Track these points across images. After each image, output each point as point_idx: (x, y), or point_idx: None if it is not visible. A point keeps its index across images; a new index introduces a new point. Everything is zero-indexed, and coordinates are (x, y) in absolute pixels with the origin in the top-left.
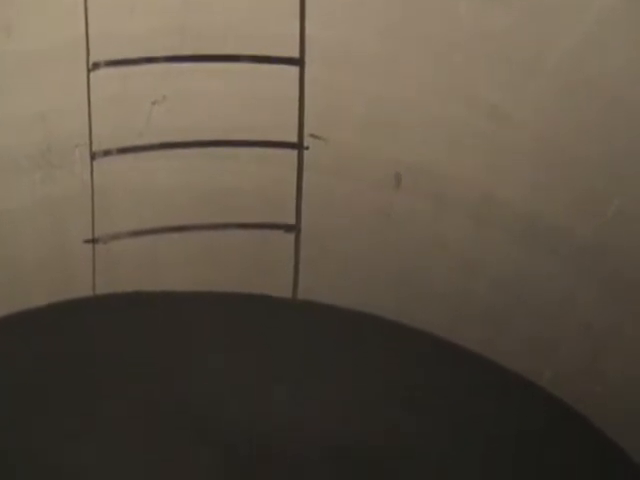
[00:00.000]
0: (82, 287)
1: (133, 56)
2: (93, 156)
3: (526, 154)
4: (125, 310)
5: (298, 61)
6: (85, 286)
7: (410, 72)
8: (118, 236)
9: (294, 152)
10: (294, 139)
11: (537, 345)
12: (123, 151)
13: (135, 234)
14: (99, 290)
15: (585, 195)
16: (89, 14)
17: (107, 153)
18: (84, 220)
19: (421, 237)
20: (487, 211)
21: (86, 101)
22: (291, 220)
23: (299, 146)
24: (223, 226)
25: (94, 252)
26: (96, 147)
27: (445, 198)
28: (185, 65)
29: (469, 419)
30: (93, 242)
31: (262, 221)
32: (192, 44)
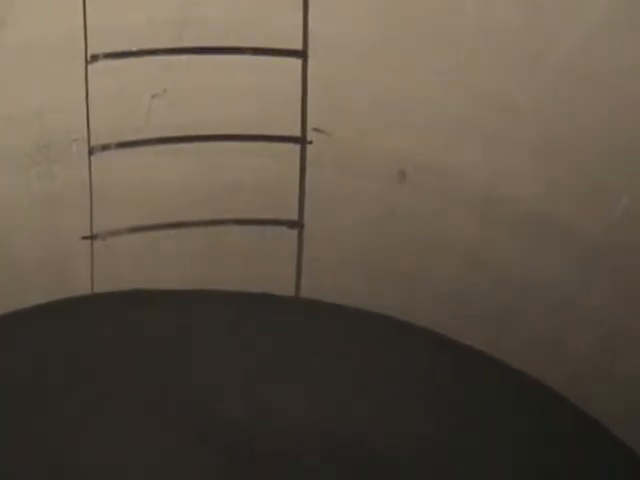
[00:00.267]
0: (80, 285)
1: (132, 48)
2: (91, 151)
3: (531, 150)
4: (124, 308)
5: (301, 54)
6: (83, 284)
7: (415, 66)
8: (117, 233)
9: (297, 147)
10: (297, 133)
11: (544, 344)
12: (122, 146)
13: (134, 230)
14: (97, 288)
15: (592, 192)
16: (87, 5)
17: (105, 148)
18: (82, 216)
19: (425, 234)
20: (492, 208)
21: (84, 95)
22: (294, 216)
23: (302, 140)
24: (224, 222)
25: (92, 249)
26: (94, 142)
27: (449, 195)
28: (186, 58)
29: (473, 419)
30: (91, 239)
31: (264, 217)
32: (193, 36)
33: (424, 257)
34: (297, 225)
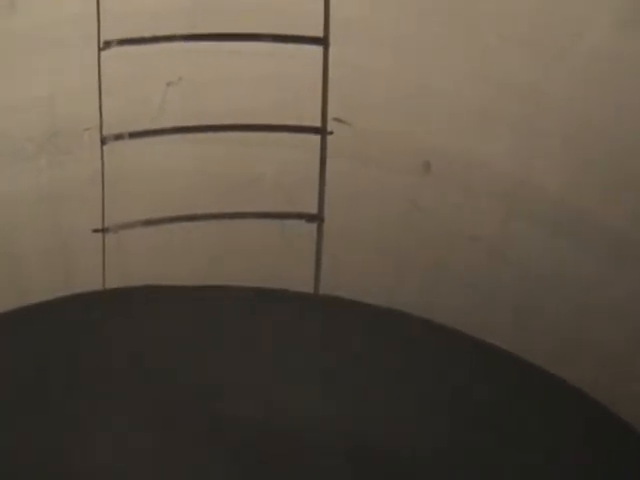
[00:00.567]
0: (90, 280)
1: (147, 34)
2: (103, 140)
3: (559, 141)
4: (136, 305)
5: (322, 40)
6: (94, 279)
7: (440, 53)
8: (129, 226)
9: (317, 137)
10: (317, 123)
11: (572, 342)
12: (135, 135)
13: (147, 224)
14: (109, 284)
15: (623, 182)
16: None
17: (118, 137)
18: (93, 209)
19: (451, 227)
20: (518, 201)
21: (96, 82)
22: (313, 210)
23: (322, 131)
24: (241, 216)
25: (104, 243)
26: (106, 131)
27: (476, 186)
28: (202, 44)
29: (493, 419)
30: (103, 232)
31: (282, 210)
32: (210, 22)
33: (448, 252)
34: (316, 219)
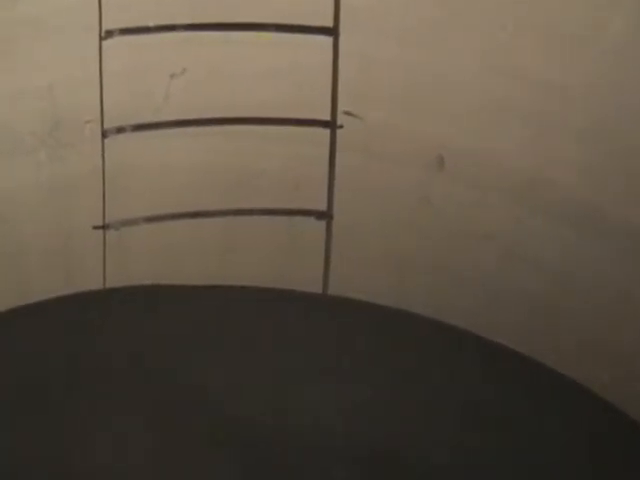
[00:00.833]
0: (91, 279)
1: (150, 24)
2: (105, 134)
3: (578, 135)
4: (138, 304)
5: (332, 31)
6: (94, 278)
7: (454, 44)
8: (131, 222)
9: (326, 131)
10: (326, 117)
11: (590, 344)
12: (138, 128)
13: (150, 220)
14: (110, 282)
15: None
16: None
17: (120, 130)
18: (94, 204)
19: (464, 225)
20: (534, 197)
21: (98, 73)
22: (322, 206)
23: (332, 124)
24: (247, 212)
25: (105, 240)
26: (108, 124)
27: (489, 183)
28: (207, 34)
29: (510, 424)
30: (104, 228)
31: (290, 207)
32: (215, 11)
33: (460, 250)
34: (326, 216)
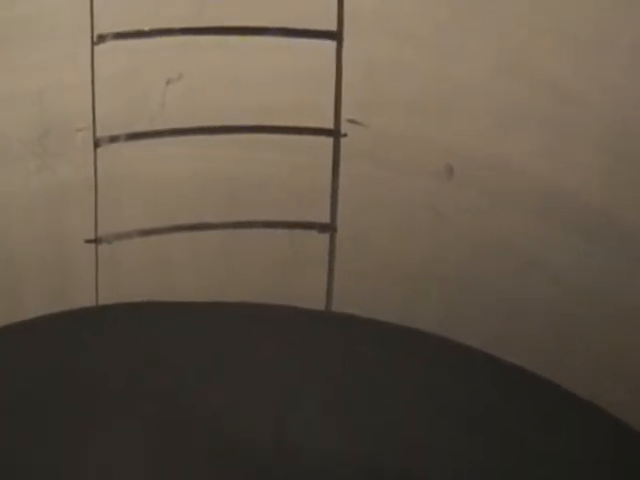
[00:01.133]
0: (83, 295)
1: (145, 28)
2: (97, 142)
3: (596, 141)
4: (132, 322)
5: (335, 35)
6: (86, 294)
7: (465, 48)
8: (125, 236)
9: (329, 140)
10: (330, 125)
11: (608, 359)
12: (132, 137)
13: (144, 234)
14: (102, 299)
15: None
16: None
17: (113, 139)
18: (85, 217)
19: (476, 237)
20: (551, 206)
21: (90, 79)
22: (325, 218)
23: (335, 133)
24: (247, 225)
25: (97, 254)
26: (100, 132)
27: (503, 191)
28: (205, 39)
29: (522, 448)
30: (96, 242)
31: (291, 220)
32: (214, 14)
33: (473, 264)
34: (329, 228)
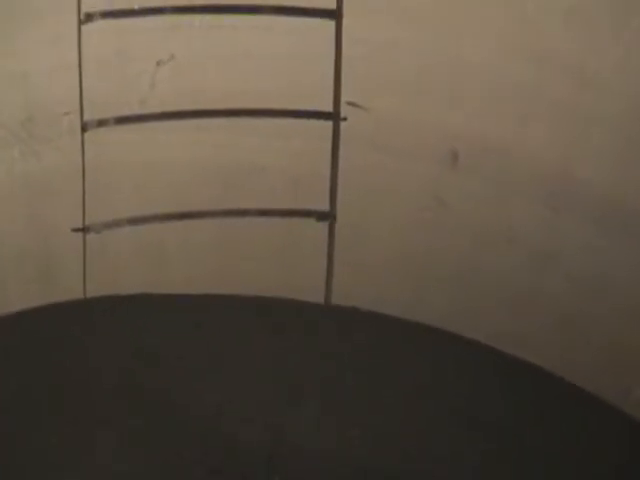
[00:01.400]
0: (70, 287)
1: (134, 6)
2: (85, 127)
3: (610, 125)
4: (123, 316)
5: (334, 13)
6: (73, 286)
7: (471, 26)
8: (114, 224)
9: (328, 123)
10: (329, 108)
11: (624, 358)
12: (121, 121)
13: (135, 222)
14: (91, 291)
15: None
16: None
17: (102, 123)
18: (73, 205)
19: (482, 227)
20: (564, 195)
21: (77, 60)
22: (324, 206)
23: (335, 116)
24: (242, 213)
25: (84, 244)
26: (88, 116)
27: (512, 179)
28: (197, 18)
29: (523, 444)
30: (83, 231)
31: (289, 207)
32: None
33: (479, 255)
34: (328, 217)
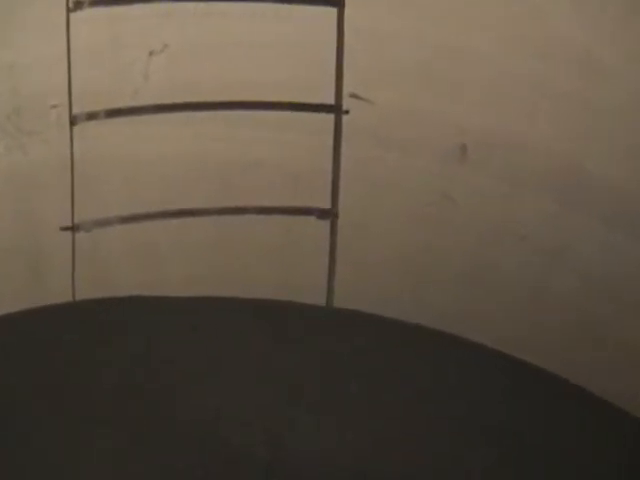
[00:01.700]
0: (58, 289)
1: None
2: (74, 120)
3: (624, 118)
4: (114, 320)
5: (336, 1)
6: (62, 288)
7: (477, 15)
8: (105, 223)
9: (330, 117)
10: (330, 100)
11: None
12: (112, 114)
13: (127, 220)
14: (80, 294)
15: None
16: None
17: (92, 117)
18: (61, 202)
19: (492, 224)
20: (575, 190)
21: (65, 50)
22: (326, 204)
23: (337, 109)
24: (240, 211)
25: (73, 243)
26: (78, 109)
27: (522, 174)
28: (192, 5)
29: (527, 447)
30: (72, 230)
31: (289, 205)
32: None
33: (488, 254)
34: (329, 215)
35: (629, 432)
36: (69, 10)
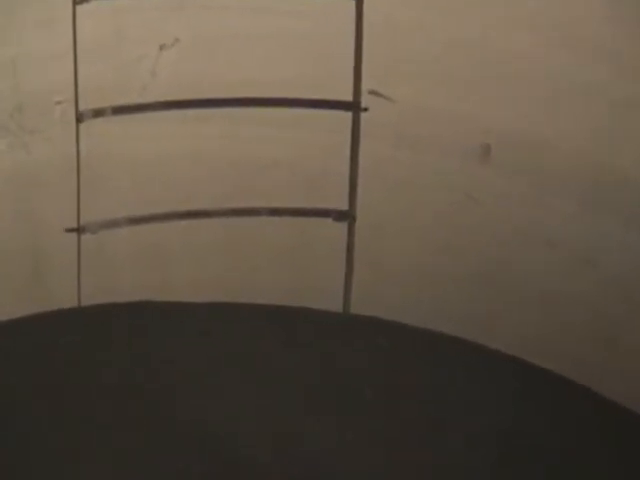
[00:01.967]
0: (63, 293)
1: None
2: (79, 117)
3: None
4: (121, 326)
5: None
6: (67, 292)
7: (501, 9)
8: (111, 224)
9: (348, 114)
10: (348, 97)
11: None
12: (120, 111)
13: (134, 221)
14: (86, 298)
15: None
16: None
17: (98, 114)
18: (66, 202)
19: (517, 227)
20: (603, 191)
21: (71, 44)
22: (343, 205)
23: (355, 106)
24: (252, 212)
25: (79, 245)
26: (84, 105)
27: (547, 175)
28: None
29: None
30: (78, 232)
31: (304, 206)
32: None
33: (513, 258)
34: (347, 217)
35: None
36: (75, 3)
